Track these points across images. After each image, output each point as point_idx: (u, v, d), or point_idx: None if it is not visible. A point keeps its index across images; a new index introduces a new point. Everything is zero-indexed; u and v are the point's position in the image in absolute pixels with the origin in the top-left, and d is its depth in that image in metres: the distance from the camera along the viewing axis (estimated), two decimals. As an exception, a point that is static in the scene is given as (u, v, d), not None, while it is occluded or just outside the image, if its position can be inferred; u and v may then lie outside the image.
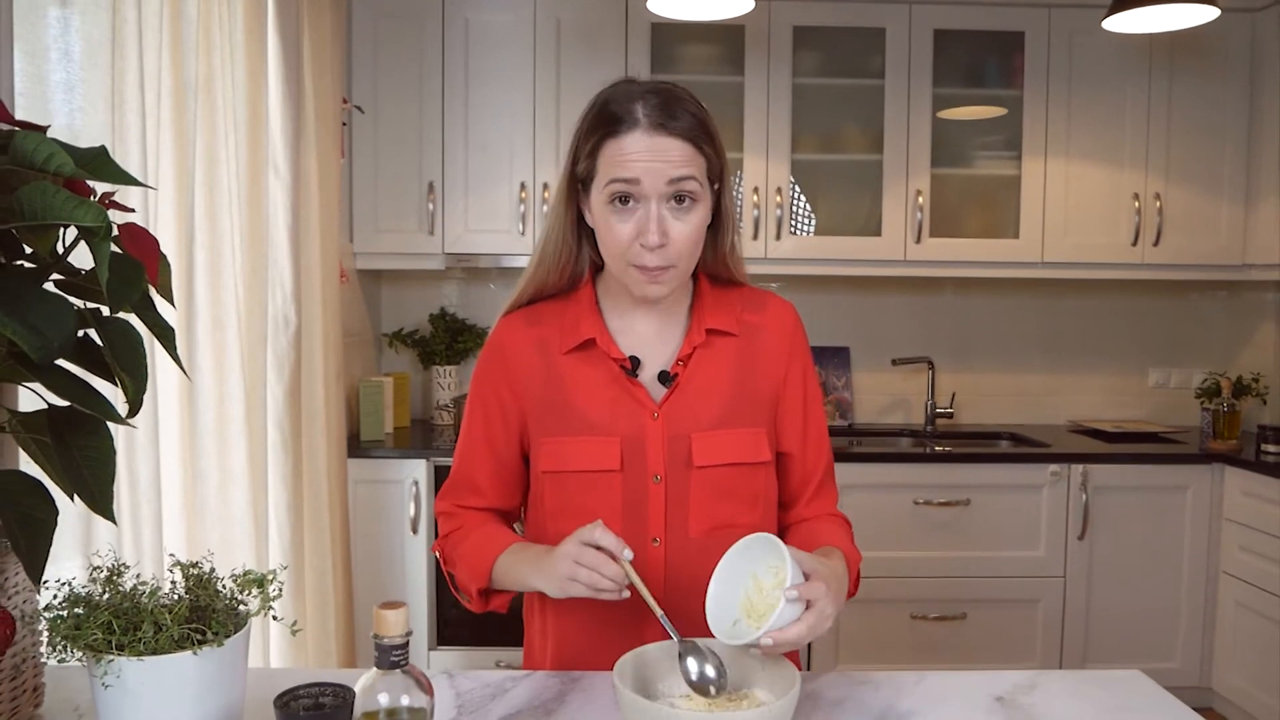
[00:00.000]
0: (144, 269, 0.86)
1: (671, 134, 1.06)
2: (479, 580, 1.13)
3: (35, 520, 0.85)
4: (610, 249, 1.11)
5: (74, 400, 0.83)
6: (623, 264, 1.11)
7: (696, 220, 1.10)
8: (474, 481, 1.23)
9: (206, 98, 1.58)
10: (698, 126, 1.09)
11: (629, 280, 1.12)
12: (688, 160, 1.07)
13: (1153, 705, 1.07)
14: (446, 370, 3.29)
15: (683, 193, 1.08)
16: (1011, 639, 2.94)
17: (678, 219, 1.08)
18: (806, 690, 1.08)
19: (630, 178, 1.06)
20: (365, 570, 2.73)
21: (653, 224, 1.06)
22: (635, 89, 1.10)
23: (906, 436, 3.36)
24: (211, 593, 0.83)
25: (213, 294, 1.61)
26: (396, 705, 0.82)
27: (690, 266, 1.14)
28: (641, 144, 1.06)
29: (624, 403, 1.16)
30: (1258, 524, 2.79)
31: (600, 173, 1.09)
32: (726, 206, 1.17)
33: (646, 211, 1.07)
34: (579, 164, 1.12)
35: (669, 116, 1.07)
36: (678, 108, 1.08)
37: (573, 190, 1.15)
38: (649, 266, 1.09)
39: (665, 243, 1.07)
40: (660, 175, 1.06)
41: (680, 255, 1.09)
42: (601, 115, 1.09)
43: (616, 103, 1.08)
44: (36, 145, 0.75)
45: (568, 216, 1.16)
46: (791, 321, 1.23)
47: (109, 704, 0.75)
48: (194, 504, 1.60)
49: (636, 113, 1.07)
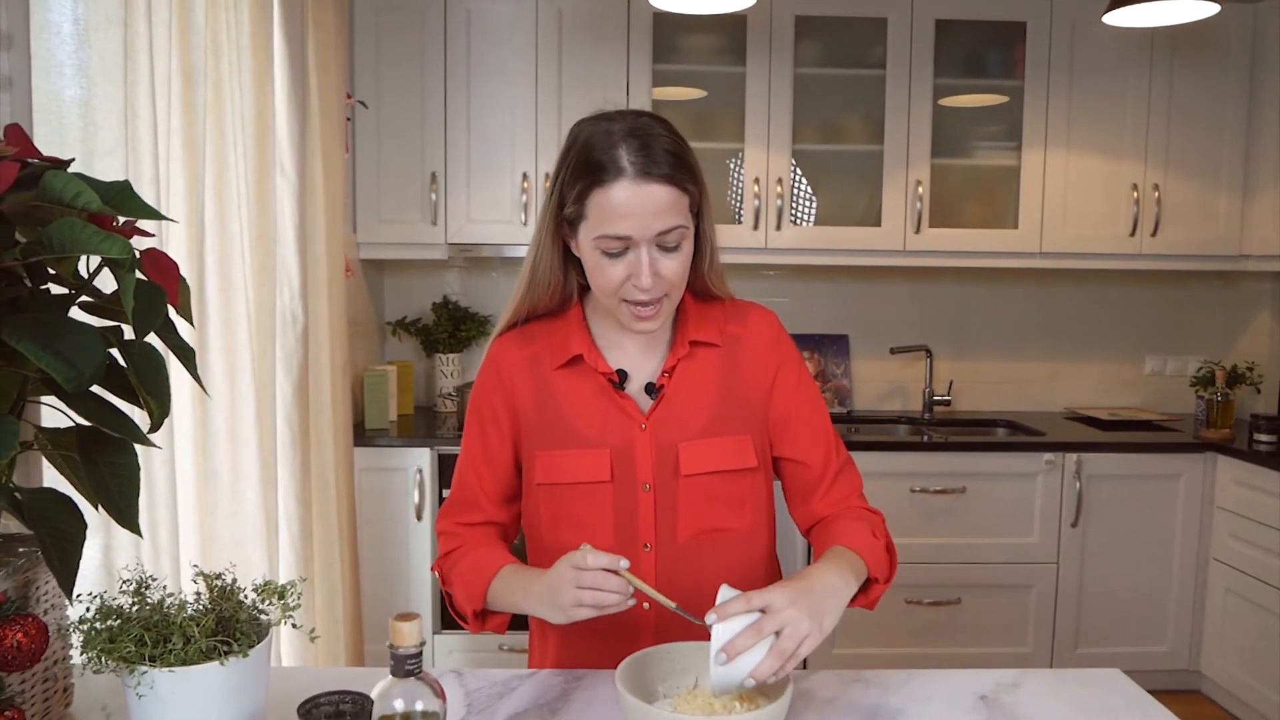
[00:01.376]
0: (165, 294, 0.90)
1: (655, 180, 1.09)
2: (474, 602, 1.16)
3: (66, 535, 0.89)
4: (602, 288, 1.15)
5: (101, 423, 0.87)
6: (615, 300, 1.15)
7: (684, 255, 1.14)
8: (473, 496, 1.26)
9: (215, 105, 1.61)
10: (678, 165, 1.11)
11: (621, 315, 1.16)
12: (673, 205, 1.10)
13: (1131, 705, 1.12)
14: (449, 358, 3.33)
15: (670, 240, 1.12)
16: (1005, 624, 3.00)
17: (667, 258, 1.12)
18: (800, 690, 1.13)
19: (622, 235, 1.10)
20: (370, 558, 2.79)
21: (644, 268, 1.10)
22: (615, 131, 1.11)
23: (904, 424, 3.40)
24: (234, 604, 0.87)
25: (224, 296, 1.65)
26: (411, 710, 0.87)
27: (679, 296, 1.18)
28: (628, 194, 1.08)
29: (613, 415, 1.21)
30: (1249, 512, 2.83)
31: (590, 220, 1.12)
32: (706, 232, 1.20)
33: (638, 256, 1.11)
34: (566, 206, 1.14)
35: (651, 162, 1.09)
36: (657, 149, 1.10)
37: (559, 226, 1.17)
38: (643, 302, 1.13)
39: (656, 282, 1.12)
40: (649, 229, 1.09)
41: (672, 286, 1.14)
42: (585, 163, 1.11)
43: (600, 149, 1.10)
44: (65, 184, 0.79)
45: (556, 250, 1.19)
46: (773, 330, 1.27)
47: (142, 711, 0.80)
48: (207, 503, 1.65)
49: (621, 160, 1.09)
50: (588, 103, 3.32)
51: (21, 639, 0.88)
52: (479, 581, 1.16)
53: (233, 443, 1.71)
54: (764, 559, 1.28)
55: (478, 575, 1.16)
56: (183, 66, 1.49)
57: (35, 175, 0.83)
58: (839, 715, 1.08)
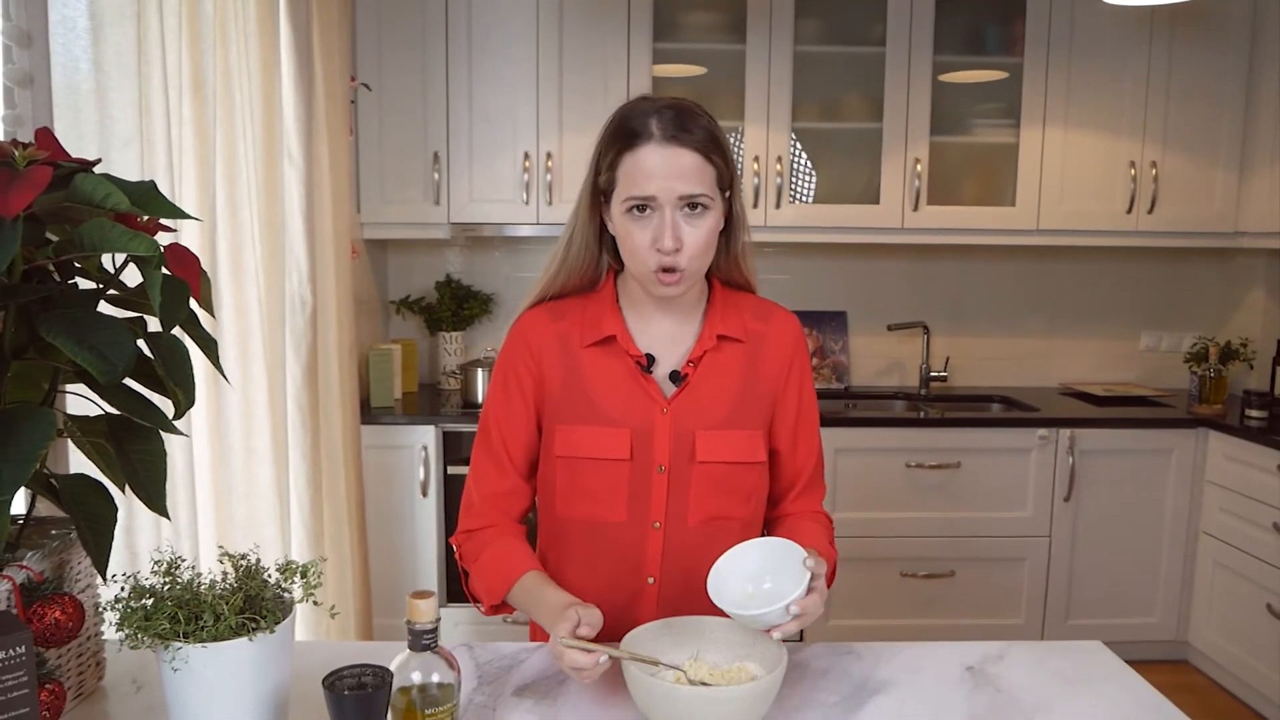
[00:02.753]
0: (189, 288, 0.94)
1: (683, 145, 1.15)
2: (493, 597, 1.22)
3: (100, 517, 0.95)
4: (630, 253, 1.20)
5: (131, 413, 0.91)
6: (641, 266, 1.19)
7: (708, 225, 1.18)
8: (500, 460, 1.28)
9: (225, 93, 1.63)
10: (708, 138, 1.17)
11: (646, 281, 1.20)
12: (698, 171, 1.16)
13: (1110, 676, 1.17)
14: (453, 336, 3.37)
15: (695, 203, 1.16)
16: (998, 596, 3.07)
17: (690, 224, 1.17)
18: (794, 661, 1.19)
19: (646, 195, 1.15)
20: (377, 534, 2.84)
21: (668, 230, 1.15)
22: (650, 105, 1.18)
23: (901, 400, 3.45)
24: (259, 583, 0.92)
25: (236, 283, 1.69)
26: (428, 682, 0.93)
27: (703, 268, 1.22)
28: (655, 157, 1.14)
29: (637, 397, 1.25)
30: (1238, 487, 2.89)
31: (620, 185, 1.18)
32: (738, 211, 1.25)
33: (662, 219, 1.16)
34: (600, 176, 1.20)
35: (681, 129, 1.15)
36: (690, 121, 1.16)
37: (595, 201, 1.23)
38: (665, 268, 1.17)
39: (680, 247, 1.16)
40: (673, 191, 1.14)
41: (693, 257, 1.18)
42: (619, 130, 1.18)
43: (633, 118, 1.17)
44: (95, 186, 0.83)
45: (591, 225, 1.25)
46: (794, 333, 1.32)
47: (176, 684, 0.85)
48: (222, 484, 1.70)
49: (651, 126, 1.15)
50: (589, 81, 3.34)
51: (60, 617, 0.93)
52: (502, 582, 1.21)
53: (246, 426, 1.75)
54: None
55: (501, 576, 1.21)
56: (192, 57, 1.52)
57: (64, 176, 0.87)
58: (831, 685, 1.13)
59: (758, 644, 1.09)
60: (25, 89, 1.17)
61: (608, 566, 1.27)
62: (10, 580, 0.90)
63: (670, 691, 0.98)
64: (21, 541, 0.99)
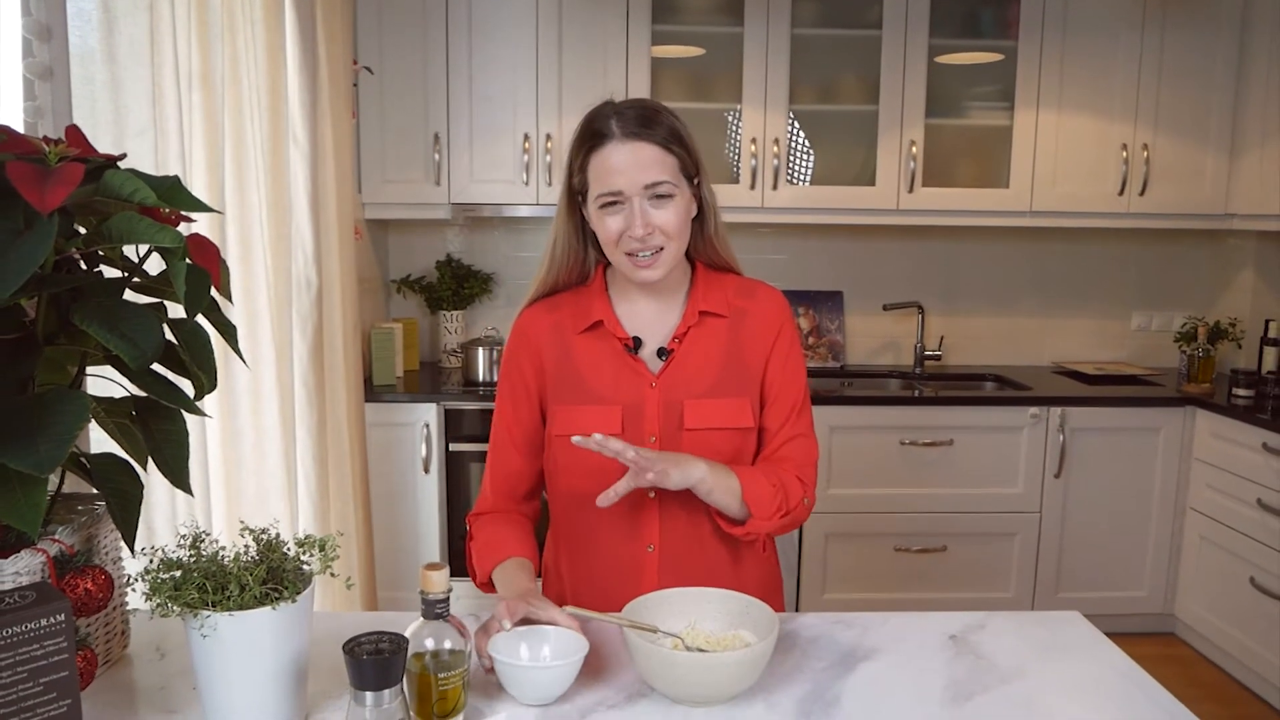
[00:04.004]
0: (211, 277, 0.99)
1: (643, 139, 1.25)
2: (481, 576, 1.35)
3: (127, 494, 1.00)
4: (607, 245, 1.30)
5: (158, 395, 0.96)
6: (618, 255, 1.29)
7: (676, 209, 1.27)
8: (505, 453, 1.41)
9: (232, 81, 1.67)
10: (668, 132, 1.27)
11: (625, 269, 1.30)
12: (659, 162, 1.25)
13: (1085, 644, 1.23)
14: (453, 315, 3.42)
15: (659, 193, 1.26)
16: (989, 570, 3.14)
17: (658, 210, 1.26)
18: (785, 630, 1.25)
19: (614, 190, 1.25)
20: (381, 510, 2.90)
21: (637, 219, 1.25)
22: (612, 107, 1.28)
23: (896, 378, 3.51)
24: (279, 555, 0.98)
25: (245, 266, 1.74)
26: (440, 648, 0.99)
27: (679, 249, 1.31)
28: (619, 154, 1.25)
29: (626, 375, 1.34)
30: (1224, 464, 2.95)
31: (591, 185, 1.28)
32: (705, 197, 1.34)
33: (631, 209, 1.25)
34: (574, 178, 1.31)
35: (641, 126, 1.26)
36: (649, 118, 1.27)
37: (573, 201, 1.33)
38: (638, 252, 1.27)
39: (650, 231, 1.25)
40: (637, 182, 1.24)
41: (666, 238, 1.27)
42: (585, 132, 1.28)
43: (597, 120, 1.28)
44: (123, 181, 0.87)
45: (571, 223, 1.35)
46: (777, 307, 1.39)
47: (204, 650, 0.91)
48: (233, 461, 1.75)
49: (612, 126, 1.26)
50: (588, 63, 3.36)
51: (91, 587, 0.99)
52: (487, 564, 1.33)
53: (255, 404, 1.81)
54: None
55: (488, 557, 1.33)
56: (202, 46, 1.55)
57: (92, 171, 0.91)
58: (820, 652, 1.19)
59: (751, 613, 1.14)
60: (45, 81, 1.21)
61: (610, 538, 1.34)
62: (44, 553, 0.96)
63: (669, 657, 1.04)
64: (51, 517, 1.04)
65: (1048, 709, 1.07)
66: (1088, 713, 1.07)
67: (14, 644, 0.82)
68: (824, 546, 3.09)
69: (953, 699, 1.09)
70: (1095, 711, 1.07)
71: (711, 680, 1.04)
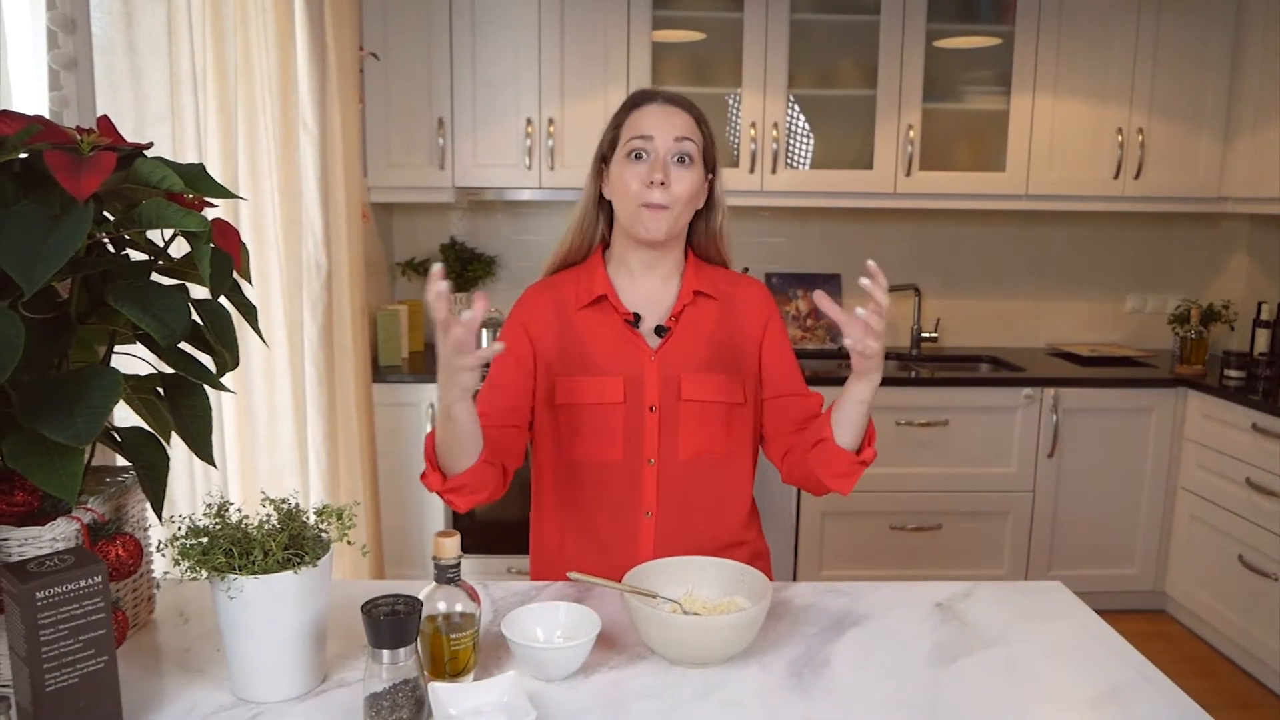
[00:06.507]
0: (233, 260, 1.04)
1: (679, 107, 1.39)
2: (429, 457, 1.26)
3: (155, 466, 1.06)
4: (622, 195, 1.37)
5: (184, 371, 1.02)
6: (633, 206, 1.36)
7: (693, 177, 1.36)
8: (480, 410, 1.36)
9: (245, 69, 1.72)
10: (700, 114, 1.39)
11: (636, 220, 1.36)
12: (690, 128, 1.38)
13: (1066, 611, 1.29)
14: (457, 297, 3.46)
15: (684, 153, 1.35)
16: (983, 548, 3.21)
17: (679, 171, 1.35)
18: (778, 598, 1.31)
19: (645, 134, 1.35)
20: (387, 487, 2.97)
21: (660, 166, 1.35)
22: (654, 90, 1.42)
23: (892, 359, 3.56)
24: (299, 524, 1.03)
25: (258, 250, 1.79)
26: (451, 610, 1.05)
27: (686, 215, 1.39)
28: (655, 113, 1.37)
29: (626, 349, 1.41)
30: (1215, 444, 3.01)
31: (623, 136, 1.38)
32: (717, 194, 1.44)
33: (655, 159, 1.35)
34: (606, 140, 1.41)
35: (679, 99, 1.39)
36: (687, 100, 1.40)
37: (598, 170, 1.43)
38: (654, 204, 1.34)
39: (668, 184, 1.33)
40: (668, 133, 1.35)
41: (677, 200, 1.35)
42: (627, 102, 1.42)
43: (639, 94, 1.41)
44: (151, 169, 0.93)
45: (593, 190, 1.44)
46: (762, 295, 1.49)
47: (230, 611, 0.97)
48: (247, 436, 1.81)
49: (654, 95, 1.40)
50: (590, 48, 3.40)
51: (121, 553, 1.05)
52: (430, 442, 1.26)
53: (268, 384, 1.86)
54: (745, 486, 1.48)
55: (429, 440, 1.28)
56: (216, 36, 1.60)
57: (122, 159, 0.96)
58: (812, 619, 1.25)
59: (746, 581, 1.20)
60: (70, 72, 1.25)
61: (609, 503, 1.41)
62: (79, 520, 1.02)
63: (667, 620, 1.10)
64: (83, 487, 1.10)
65: (1029, 670, 1.13)
66: (1064, 672, 1.13)
67: (55, 603, 0.88)
68: (821, 524, 3.16)
69: (937, 661, 1.15)
70: (1072, 671, 1.13)
71: (707, 642, 1.10)
